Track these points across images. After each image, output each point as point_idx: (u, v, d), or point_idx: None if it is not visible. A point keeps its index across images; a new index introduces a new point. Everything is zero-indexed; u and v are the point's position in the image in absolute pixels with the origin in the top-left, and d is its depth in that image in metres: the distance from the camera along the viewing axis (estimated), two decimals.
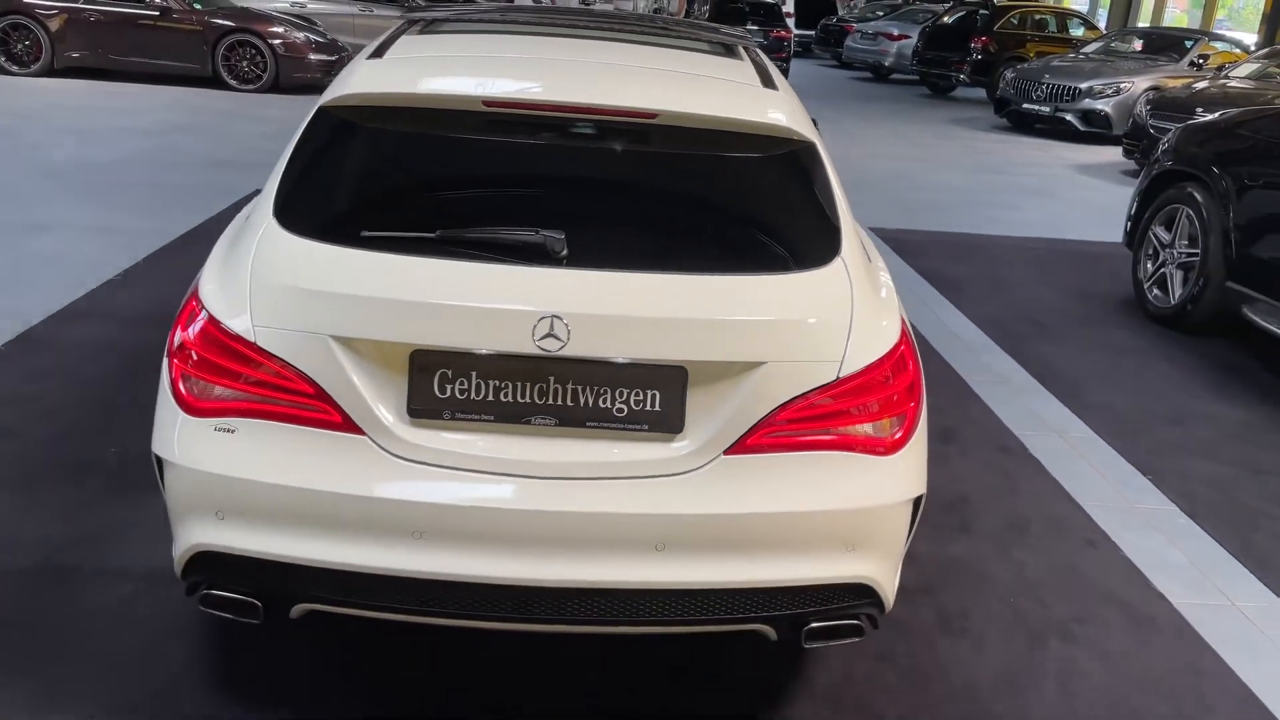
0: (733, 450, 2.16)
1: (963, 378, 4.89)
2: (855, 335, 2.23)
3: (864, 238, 2.72)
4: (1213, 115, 6.52)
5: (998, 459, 4.08)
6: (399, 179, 2.47)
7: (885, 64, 21.60)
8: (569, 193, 2.45)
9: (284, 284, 2.14)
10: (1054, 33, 19.06)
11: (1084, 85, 13.72)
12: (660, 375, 2.13)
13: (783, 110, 2.58)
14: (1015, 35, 18.27)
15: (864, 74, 22.87)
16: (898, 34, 21.23)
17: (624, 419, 2.14)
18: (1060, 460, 4.10)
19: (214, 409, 2.14)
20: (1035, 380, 4.95)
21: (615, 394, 2.13)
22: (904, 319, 2.42)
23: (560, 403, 2.13)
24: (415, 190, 2.46)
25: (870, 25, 22.68)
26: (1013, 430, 4.34)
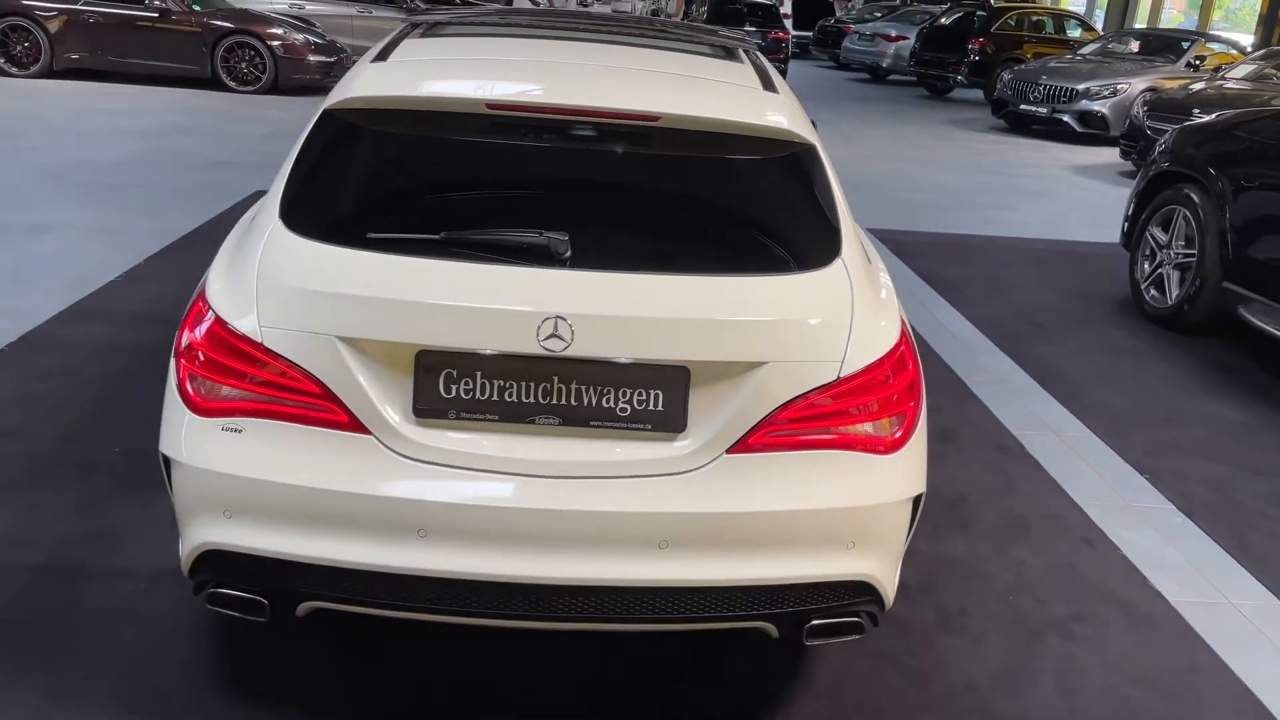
0: (735, 449, 2.19)
1: (961, 378, 4.92)
2: (855, 335, 2.26)
3: (864, 239, 2.74)
4: (1209, 117, 6.55)
5: (996, 459, 4.10)
6: (403, 181, 2.49)
7: (883, 65, 21.63)
8: (572, 194, 2.47)
9: (290, 285, 2.16)
10: (1051, 34, 19.10)
11: (1081, 86, 13.75)
12: (663, 375, 2.15)
13: (783, 113, 2.60)
14: (1012, 36, 18.31)
15: (861, 75, 22.90)
16: (895, 35, 21.25)
17: (627, 418, 2.16)
18: (1058, 460, 4.12)
19: (221, 409, 2.16)
20: (1033, 380, 4.97)
21: (619, 394, 2.15)
22: (903, 319, 2.44)
23: (564, 402, 2.15)
24: (420, 192, 2.48)
25: (868, 26, 22.70)
26: (1011, 430, 4.37)
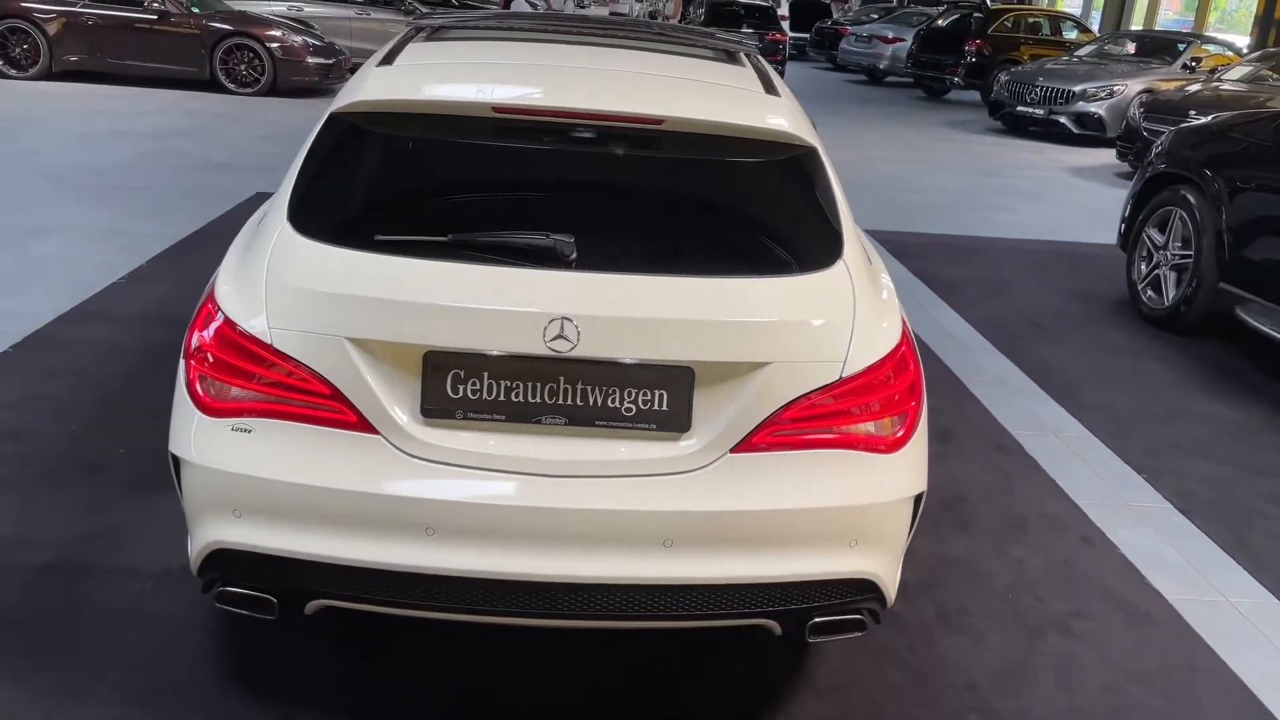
0: (738, 449, 2.21)
1: (960, 378, 4.95)
2: (857, 336, 2.28)
3: (865, 240, 2.77)
4: (1206, 118, 6.58)
5: (995, 458, 4.13)
6: (410, 184, 2.52)
7: (880, 67, 21.67)
8: (577, 197, 2.50)
9: (299, 286, 2.18)
10: (1048, 36, 19.15)
11: (1078, 88, 13.79)
12: (668, 375, 2.18)
13: (785, 116, 2.63)
14: (1009, 38, 18.35)
15: (859, 77, 22.93)
16: (892, 37, 21.30)
17: (633, 418, 2.18)
18: (1057, 460, 4.15)
19: (231, 409, 2.18)
20: (1031, 381, 5.00)
21: (624, 394, 2.17)
22: (904, 320, 2.47)
23: (570, 402, 2.17)
24: (426, 195, 2.51)
25: (865, 28, 22.74)
26: (1010, 430, 4.40)
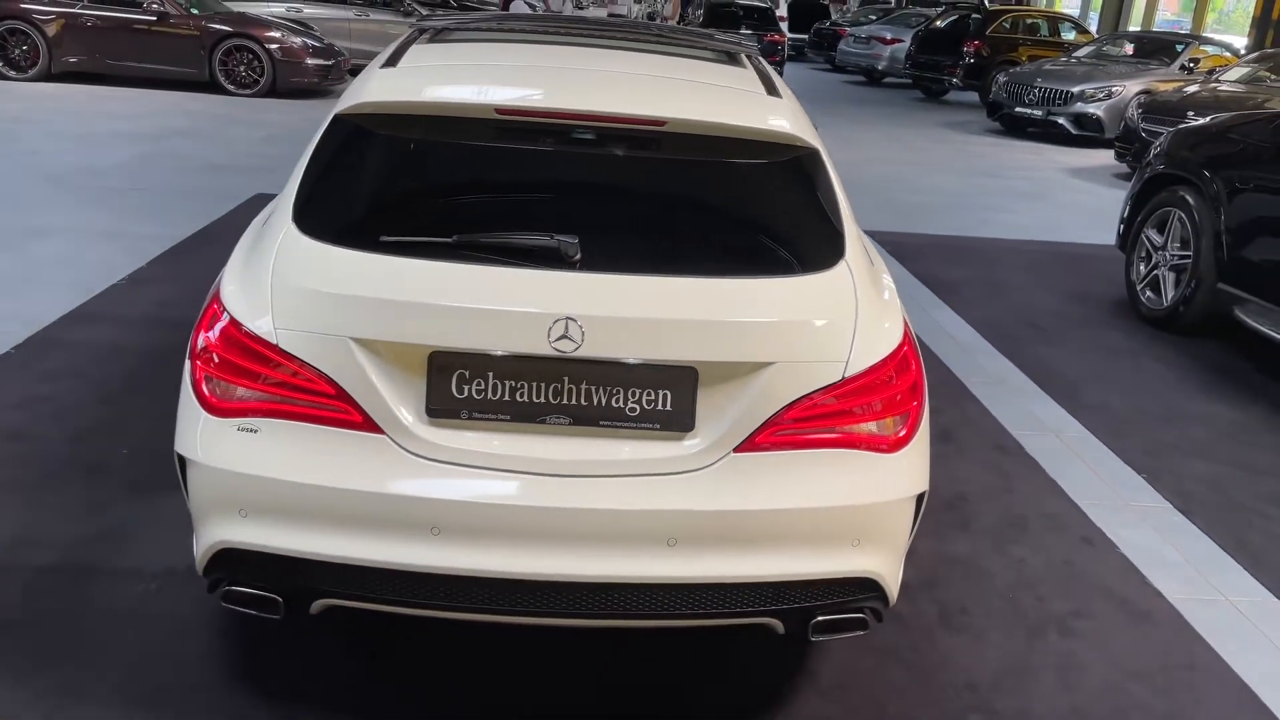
0: (742, 448, 2.22)
1: (960, 379, 4.96)
2: (860, 336, 2.30)
3: (866, 241, 2.78)
4: (1204, 119, 6.60)
5: (995, 458, 4.14)
6: (414, 185, 2.53)
7: (878, 68, 21.71)
8: (581, 198, 2.51)
9: (305, 287, 2.19)
10: (1046, 36, 19.17)
11: (1076, 89, 13.82)
12: (672, 375, 2.19)
13: (787, 118, 2.64)
14: (1007, 39, 18.38)
15: (857, 78, 22.97)
16: (891, 38, 21.33)
17: (636, 418, 2.19)
18: (1057, 460, 4.16)
19: (236, 409, 2.19)
20: (1031, 381, 5.02)
21: (628, 394, 2.19)
22: (906, 321, 2.48)
23: (575, 402, 2.18)
24: (431, 196, 2.52)
25: (863, 29, 22.78)
26: (1009, 430, 4.41)
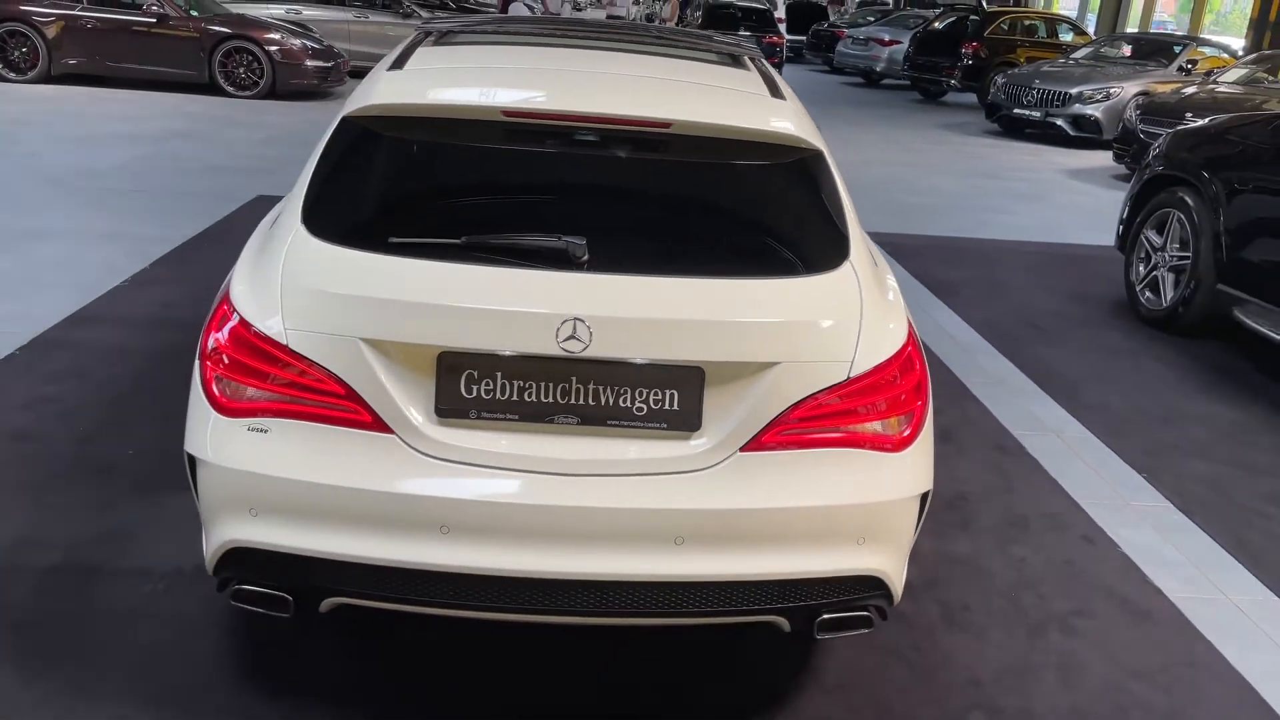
0: (748, 447, 2.24)
1: (960, 379, 4.98)
2: (864, 336, 2.32)
3: (869, 243, 2.80)
4: (1202, 120, 6.63)
5: (996, 458, 4.16)
6: (422, 187, 2.54)
7: (877, 69, 21.73)
8: (587, 199, 2.53)
9: (315, 288, 2.21)
10: (1044, 38, 19.20)
11: (1074, 90, 13.85)
12: (678, 375, 2.21)
13: (791, 119, 2.66)
14: (1005, 41, 18.41)
15: (855, 79, 23.00)
16: (889, 39, 21.36)
17: (644, 418, 2.21)
18: (1057, 459, 4.18)
19: (247, 409, 2.20)
20: (1031, 381, 5.04)
21: (635, 394, 2.20)
22: (910, 321, 2.50)
23: (582, 402, 2.20)
24: (438, 197, 2.53)
25: (861, 31, 22.81)
26: (1010, 430, 4.43)
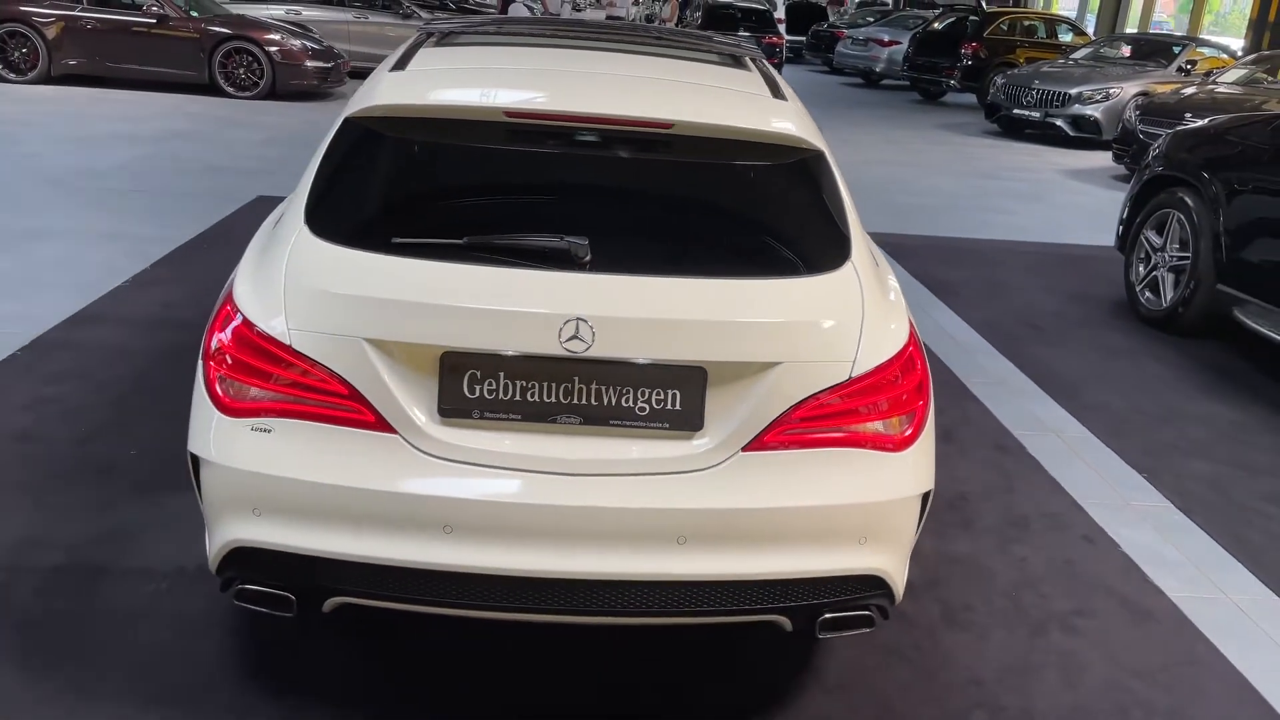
0: (750, 447, 2.25)
1: (960, 379, 4.99)
2: (866, 336, 2.32)
3: (871, 243, 2.81)
4: (1202, 121, 6.63)
5: (996, 458, 4.17)
6: (424, 187, 2.55)
7: (876, 70, 21.74)
8: (589, 199, 2.53)
9: (318, 288, 2.22)
10: (1043, 38, 19.21)
11: (1073, 91, 13.86)
12: (681, 375, 2.21)
13: (792, 120, 2.67)
14: (1005, 41, 18.41)
15: (855, 80, 23.01)
16: (888, 40, 21.37)
17: (646, 417, 2.22)
18: (1057, 459, 4.19)
19: (250, 409, 2.21)
20: (1031, 382, 5.05)
21: (638, 393, 2.21)
22: (911, 321, 2.51)
23: (585, 402, 2.21)
24: (441, 198, 2.54)
25: (861, 31, 22.82)
26: (1010, 430, 4.44)
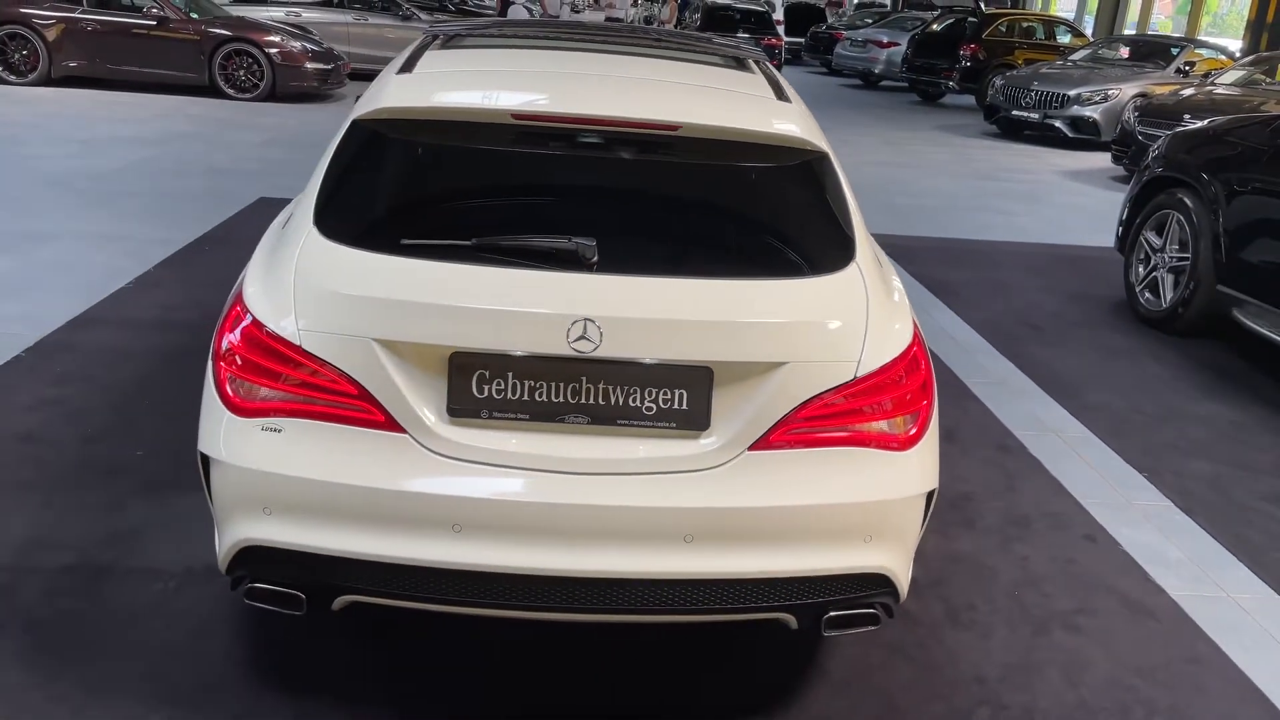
0: (756, 446, 2.26)
1: (961, 380, 5.01)
2: (871, 337, 2.34)
3: (875, 244, 2.82)
4: (1201, 122, 6.66)
5: (998, 458, 4.19)
6: (432, 189, 2.57)
7: (875, 71, 21.77)
8: (595, 201, 2.55)
9: (328, 289, 2.23)
10: (1042, 40, 19.24)
11: (1072, 92, 13.88)
12: (687, 375, 2.23)
13: (797, 122, 2.69)
14: (1004, 43, 18.44)
15: (854, 81, 23.04)
16: (887, 41, 21.40)
17: (653, 417, 2.24)
18: (1059, 459, 4.21)
19: (260, 409, 2.22)
20: (1032, 382, 5.06)
21: (645, 393, 2.23)
22: (915, 322, 2.53)
23: (592, 402, 2.22)
24: (449, 199, 2.56)
25: (860, 33, 22.85)
26: (1011, 430, 4.45)
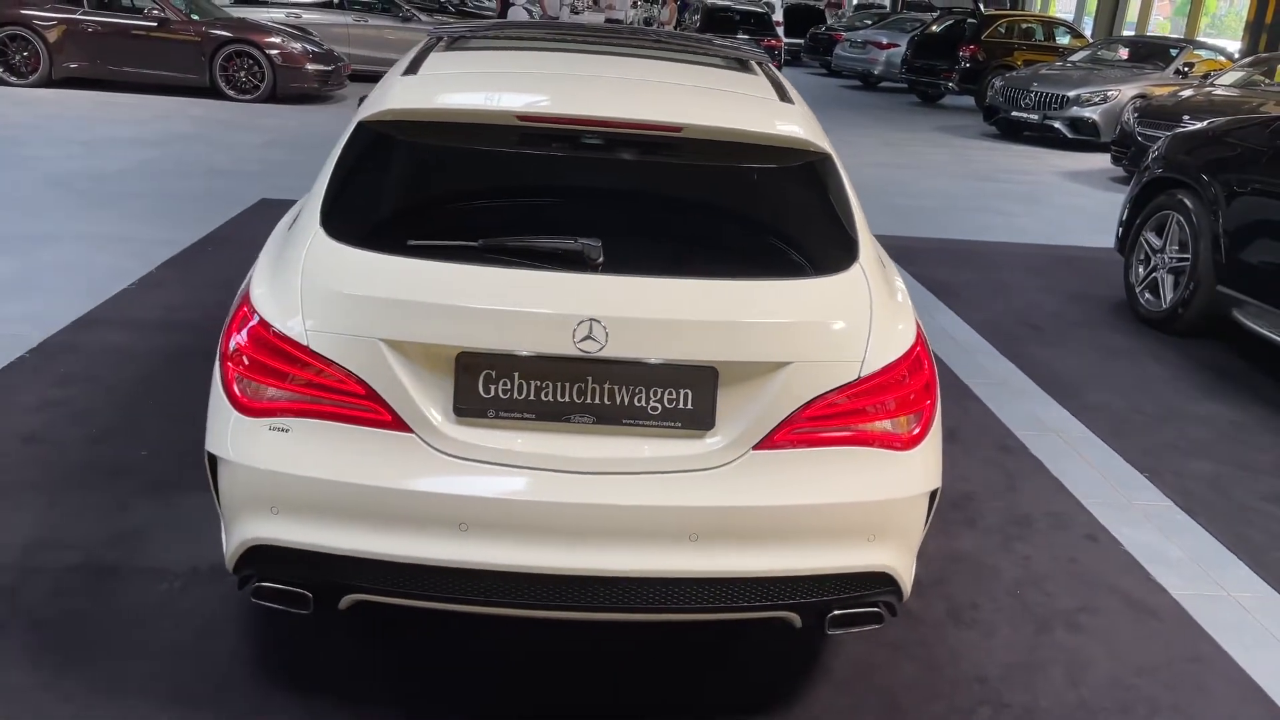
0: (760, 446, 2.28)
1: (962, 380, 5.02)
2: (874, 337, 2.36)
3: (878, 245, 2.84)
4: (1201, 123, 6.67)
5: (999, 458, 4.20)
6: (437, 190, 2.58)
7: (874, 72, 21.78)
8: (600, 202, 2.56)
9: (335, 290, 2.25)
10: (1041, 41, 19.27)
11: (1072, 93, 13.90)
12: (692, 375, 2.25)
13: (800, 123, 2.70)
14: (1003, 44, 18.45)
15: (853, 82, 23.06)
16: (886, 42, 21.41)
17: (658, 417, 2.25)
18: (1060, 459, 4.22)
19: (268, 409, 2.24)
20: (1033, 382, 5.08)
21: (650, 393, 2.24)
22: (918, 322, 2.55)
23: (598, 402, 2.24)
24: (454, 200, 2.57)
25: (859, 34, 22.86)
26: (1013, 430, 4.47)
